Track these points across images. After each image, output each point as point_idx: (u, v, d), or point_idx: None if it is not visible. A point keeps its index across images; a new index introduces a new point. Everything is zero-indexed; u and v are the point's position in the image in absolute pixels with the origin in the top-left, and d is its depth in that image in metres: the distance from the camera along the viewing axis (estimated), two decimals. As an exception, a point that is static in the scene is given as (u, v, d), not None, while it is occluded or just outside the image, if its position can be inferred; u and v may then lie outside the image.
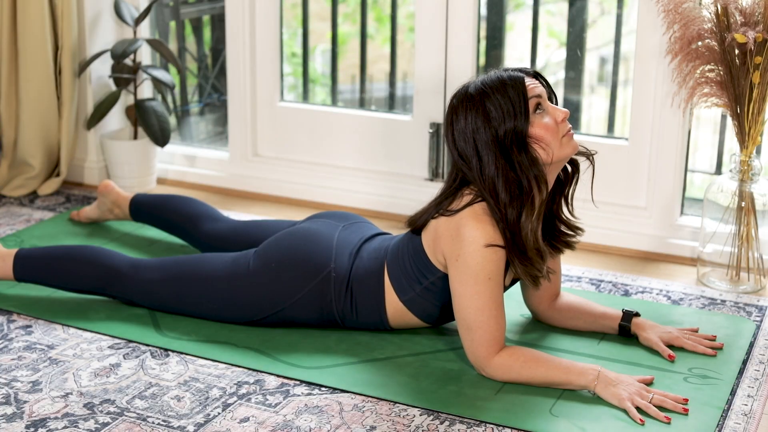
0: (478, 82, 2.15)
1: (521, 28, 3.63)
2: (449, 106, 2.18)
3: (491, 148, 2.11)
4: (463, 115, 2.13)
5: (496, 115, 2.11)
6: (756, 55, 2.49)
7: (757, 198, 2.62)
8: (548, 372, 2.10)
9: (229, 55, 3.38)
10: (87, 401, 2.09)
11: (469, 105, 2.13)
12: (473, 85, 2.15)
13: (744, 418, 2.04)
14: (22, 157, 3.37)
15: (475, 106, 2.12)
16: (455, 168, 2.19)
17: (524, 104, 2.10)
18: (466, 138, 2.13)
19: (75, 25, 3.28)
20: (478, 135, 2.11)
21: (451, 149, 2.18)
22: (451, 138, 2.16)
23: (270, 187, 3.40)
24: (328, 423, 2.01)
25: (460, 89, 2.18)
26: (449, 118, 2.17)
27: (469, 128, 2.12)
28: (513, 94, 2.11)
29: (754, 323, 2.46)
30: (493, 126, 2.11)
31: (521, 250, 2.13)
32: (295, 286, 2.32)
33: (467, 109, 2.13)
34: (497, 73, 2.15)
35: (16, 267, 2.51)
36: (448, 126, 2.17)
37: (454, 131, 2.15)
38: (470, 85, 2.16)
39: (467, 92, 2.15)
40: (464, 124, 2.13)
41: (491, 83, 2.13)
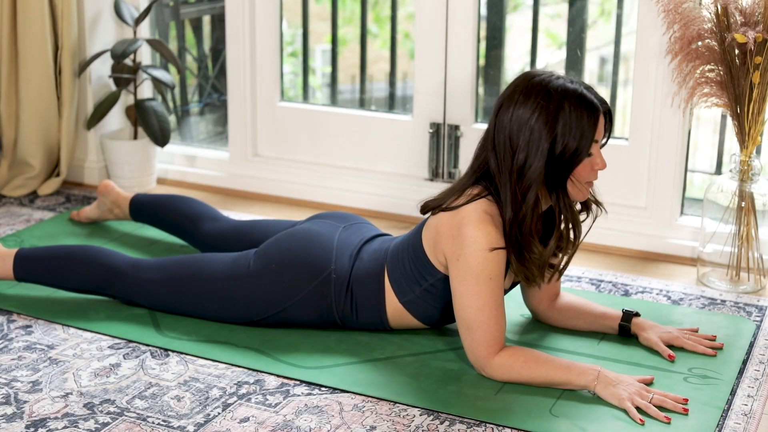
0: (561, 84, 2.09)
1: (521, 29, 3.63)
2: (519, 86, 2.11)
3: (543, 153, 2.07)
4: (531, 106, 2.08)
5: (563, 130, 2.07)
6: (756, 55, 2.49)
7: (757, 198, 2.62)
8: (548, 372, 2.10)
9: (229, 55, 3.38)
10: (87, 401, 2.09)
11: (543, 101, 2.07)
12: (555, 84, 2.09)
13: (744, 418, 2.04)
14: (22, 157, 3.37)
15: (549, 107, 2.07)
16: (484, 154, 2.16)
17: (590, 138, 2.09)
18: (521, 127, 2.08)
19: (75, 25, 3.28)
20: (536, 133, 2.07)
21: (496, 127, 2.12)
22: (505, 118, 2.10)
23: (270, 187, 3.40)
24: (328, 423, 2.01)
25: (538, 78, 2.11)
26: (514, 97, 2.10)
27: (531, 121, 2.07)
28: (587, 123, 2.08)
29: (754, 323, 2.46)
30: (557, 136, 2.07)
31: (521, 249, 2.13)
32: (296, 287, 2.32)
33: (539, 103, 2.07)
34: (581, 90, 2.09)
35: (16, 267, 2.51)
36: (508, 104, 2.11)
37: (513, 114, 2.10)
38: (551, 82, 2.09)
39: (547, 87, 2.08)
40: (528, 114, 2.08)
41: (573, 97, 2.07)
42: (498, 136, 2.12)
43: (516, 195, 2.11)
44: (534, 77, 2.12)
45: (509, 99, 2.12)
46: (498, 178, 2.13)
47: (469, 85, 3.10)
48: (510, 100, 2.11)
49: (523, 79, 2.13)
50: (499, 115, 2.13)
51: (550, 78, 2.11)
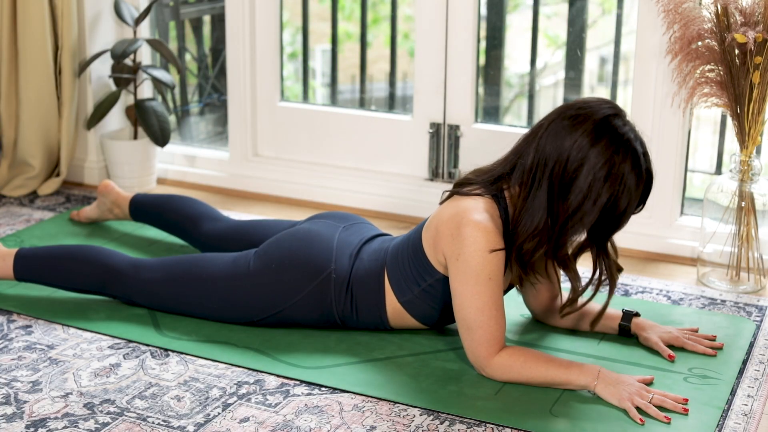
0: (632, 139, 2.06)
1: (521, 29, 3.64)
2: (592, 116, 2.06)
3: (599, 207, 2.06)
4: (601, 151, 2.04)
5: (621, 189, 2.06)
6: (756, 55, 2.49)
7: (757, 198, 2.62)
8: (548, 372, 2.10)
9: (229, 55, 3.38)
10: (87, 401, 2.09)
11: (615, 153, 2.04)
12: (628, 136, 2.06)
13: (744, 418, 2.04)
14: (22, 157, 3.37)
15: (618, 161, 2.04)
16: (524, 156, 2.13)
17: (635, 204, 2.10)
18: (584, 165, 2.04)
19: (75, 25, 3.28)
20: (598, 184, 2.04)
21: (547, 141, 2.08)
22: (567, 144, 2.05)
23: (270, 187, 3.40)
24: (328, 423, 2.01)
25: (615, 122, 2.07)
26: (584, 125, 2.05)
27: (597, 166, 2.04)
28: (639, 189, 2.08)
29: (754, 323, 2.46)
30: (616, 194, 2.06)
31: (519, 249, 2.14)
32: (296, 287, 2.32)
33: (611, 155, 2.04)
34: (642, 152, 2.08)
35: (16, 266, 2.51)
36: (574, 129, 2.06)
37: (577, 145, 2.05)
38: (626, 133, 2.06)
39: (621, 137, 2.05)
40: (596, 159, 2.04)
41: (638, 160, 2.06)
42: (549, 151, 2.09)
43: (553, 231, 2.10)
44: (612, 117, 2.07)
45: (576, 121, 2.07)
46: (526, 186, 2.11)
47: (469, 85, 3.10)
48: (577, 124, 2.07)
49: (598, 110, 2.08)
50: (558, 130, 2.08)
51: (625, 127, 2.08)
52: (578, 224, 2.09)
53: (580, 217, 2.08)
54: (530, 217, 2.10)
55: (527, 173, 2.11)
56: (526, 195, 2.11)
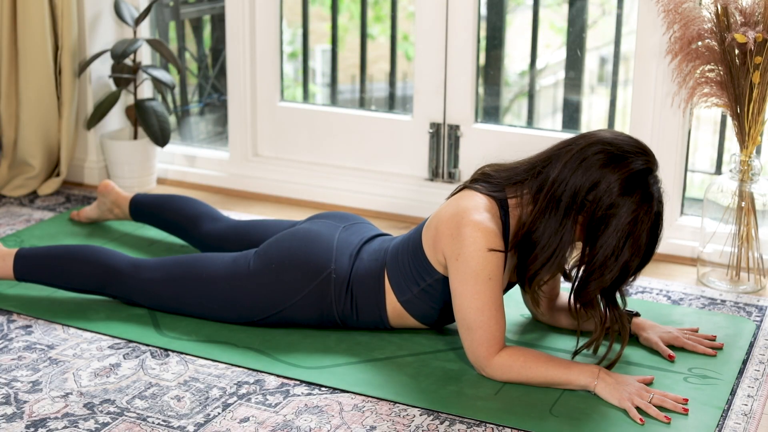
0: (659, 198, 2.08)
1: (521, 28, 3.64)
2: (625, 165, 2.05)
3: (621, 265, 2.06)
4: (630, 206, 2.04)
5: (640, 246, 2.07)
6: (756, 55, 2.49)
7: (757, 198, 2.62)
8: (548, 372, 2.10)
9: (229, 55, 3.38)
10: (87, 401, 2.09)
11: (643, 211, 2.05)
12: (657, 195, 2.07)
13: (744, 418, 2.04)
14: (22, 157, 3.37)
15: (645, 220, 2.05)
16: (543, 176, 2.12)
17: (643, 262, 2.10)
18: (612, 217, 2.04)
19: (75, 25, 3.28)
20: (623, 241, 2.04)
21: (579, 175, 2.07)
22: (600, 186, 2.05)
23: (270, 187, 3.40)
24: (328, 423, 2.01)
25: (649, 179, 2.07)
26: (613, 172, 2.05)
27: (624, 222, 2.04)
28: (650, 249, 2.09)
29: (754, 323, 2.46)
30: (636, 252, 2.07)
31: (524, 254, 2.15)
32: (296, 287, 2.32)
33: (638, 212, 2.04)
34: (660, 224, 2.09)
35: (16, 266, 2.51)
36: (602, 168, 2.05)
37: (608, 190, 2.04)
38: (655, 192, 2.07)
39: (651, 195, 2.06)
40: (625, 215, 2.04)
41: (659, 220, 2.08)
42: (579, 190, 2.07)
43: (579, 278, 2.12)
44: (645, 173, 2.07)
45: (614, 165, 2.05)
46: (542, 208, 2.11)
47: (469, 85, 3.10)
48: (612, 167, 2.05)
49: (635, 162, 2.07)
50: (591, 165, 2.07)
51: (655, 185, 2.08)
52: (600, 279, 2.09)
53: (602, 273, 2.08)
54: (549, 245, 2.10)
55: (546, 191, 2.10)
56: (543, 210, 2.10)
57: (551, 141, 3.04)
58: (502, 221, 2.15)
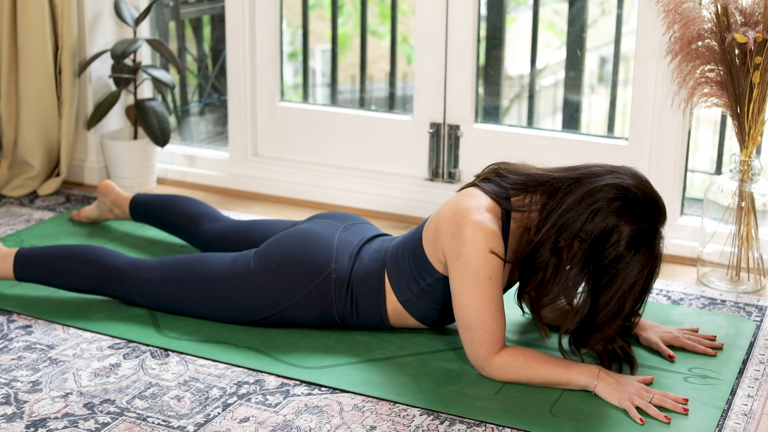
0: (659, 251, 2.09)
1: (521, 29, 3.64)
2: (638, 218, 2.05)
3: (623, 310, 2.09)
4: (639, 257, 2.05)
5: (644, 292, 2.10)
6: (756, 55, 2.49)
7: (757, 198, 2.62)
8: (548, 372, 2.10)
9: (229, 55, 3.38)
10: (87, 401, 2.09)
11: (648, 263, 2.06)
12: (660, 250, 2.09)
13: (744, 418, 2.04)
14: (22, 157, 3.37)
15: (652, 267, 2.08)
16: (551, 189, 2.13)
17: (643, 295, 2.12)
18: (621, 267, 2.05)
19: (75, 25, 3.28)
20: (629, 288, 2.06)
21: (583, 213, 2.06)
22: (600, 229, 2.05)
23: (270, 187, 3.40)
24: (328, 423, 2.01)
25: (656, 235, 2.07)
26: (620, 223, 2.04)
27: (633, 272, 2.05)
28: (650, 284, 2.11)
29: (754, 323, 2.46)
30: (639, 297, 2.10)
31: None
32: (296, 287, 2.32)
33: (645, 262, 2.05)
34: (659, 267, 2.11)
35: (16, 266, 2.51)
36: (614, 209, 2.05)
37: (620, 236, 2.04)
38: (661, 246, 2.09)
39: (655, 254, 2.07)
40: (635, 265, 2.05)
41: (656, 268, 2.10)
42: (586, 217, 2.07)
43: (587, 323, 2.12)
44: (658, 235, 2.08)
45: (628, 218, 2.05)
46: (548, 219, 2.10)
47: (469, 85, 3.10)
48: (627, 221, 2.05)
49: (653, 219, 2.07)
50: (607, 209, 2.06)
51: (660, 244, 2.09)
52: (606, 329, 2.11)
53: (609, 323, 2.10)
54: (553, 280, 2.11)
55: (558, 215, 2.09)
56: (543, 239, 2.11)
57: (551, 141, 3.05)
58: (503, 222, 2.15)
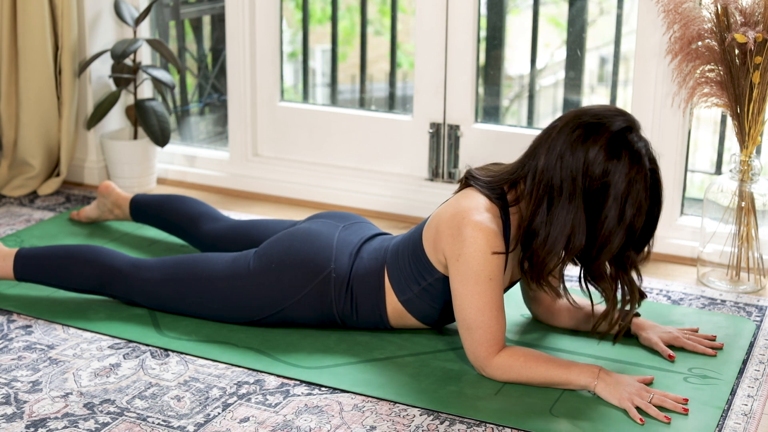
0: (646, 153, 2.06)
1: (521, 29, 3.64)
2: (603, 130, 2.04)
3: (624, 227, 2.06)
4: (624, 170, 2.03)
5: (641, 208, 2.06)
6: (756, 55, 2.49)
7: (757, 198, 2.62)
8: (548, 372, 2.10)
9: (229, 55, 3.38)
10: (87, 401, 2.09)
11: (632, 163, 2.04)
12: (643, 149, 2.06)
13: (744, 418, 2.04)
14: (22, 157, 3.37)
15: (643, 181, 2.04)
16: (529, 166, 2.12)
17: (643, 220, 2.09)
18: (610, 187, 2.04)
19: (75, 25, 3.28)
20: (624, 205, 2.04)
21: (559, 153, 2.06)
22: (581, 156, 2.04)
23: (270, 187, 3.41)
24: (328, 423, 2.01)
25: (630, 136, 2.05)
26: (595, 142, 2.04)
27: (621, 188, 2.03)
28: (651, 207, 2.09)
29: (754, 323, 2.46)
30: (638, 213, 2.06)
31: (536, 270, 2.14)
32: (296, 287, 2.32)
33: (635, 176, 2.04)
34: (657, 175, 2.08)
35: (16, 266, 2.51)
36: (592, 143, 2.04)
37: (597, 159, 2.03)
38: (642, 149, 2.06)
39: (639, 155, 2.04)
40: (622, 180, 2.03)
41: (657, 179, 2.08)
42: (562, 165, 2.07)
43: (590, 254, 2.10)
44: (627, 131, 2.06)
45: (593, 133, 2.05)
46: (534, 196, 2.10)
47: (469, 85, 3.10)
48: (594, 136, 2.05)
49: (610, 122, 2.06)
50: (572, 141, 2.06)
51: (640, 143, 2.07)
52: (609, 246, 2.08)
53: (610, 240, 2.08)
54: (560, 233, 2.08)
55: (539, 177, 2.10)
56: (539, 200, 2.10)
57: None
58: (502, 220, 2.15)
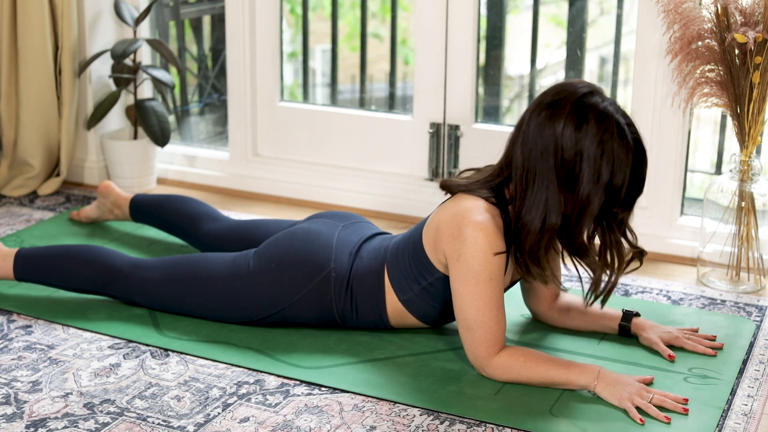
0: (614, 112, 2.06)
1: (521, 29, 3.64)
2: (569, 102, 2.05)
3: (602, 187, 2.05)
4: (591, 133, 2.03)
5: (617, 165, 2.05)
6: (756, 55, 2.49)
7: (757, 198, 2.62)
8: (548, 372, 2.10)
9: (229, 55, 3.38)
10: (87, 401, 2.09)
11: (606, 133, 2.04)
12: (609, 110, 2.05)
13: (744, 418, 2.04)
14: (22, 157, 3.37)
15: (610, 138, 2.04)
16: (512, 157, 2.13)
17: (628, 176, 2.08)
18: (579, 153, 2.03)
19: (75, 25, 3.28)
20: (596, 165, 2.03)
21: (532, 138, 2.07)
22: (548, 132, 2.05)
23: (270, 187, 3.41)
24: (328, 423, 2.01)
25: (592, 100, 2.06)
26: (564, 113, 2.04)
27: (589, 150, 2.03)
28: (633, 160, 2.07)
29: (754, 323, 2.46)
30: (614, 170, 2.05)
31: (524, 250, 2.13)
32: (295, 286, 2.32)
33: (601, 135, 2.03)
34: (628, 127, 2.07)
35: (16, 266, 2.51)
36: (556, 119, 2.05)
37: (564, 133, 2.04)
38: (606, 108, 2.05)
39: (605, 113, 2.04)
40: (588, 142, 2.03)
41: (625, 132, 2.06)
42: (538, 144, 2.07)
43: (570, 224, 2.09)
44: (588, 96, 2.07)
45: (558, 109, 2.06)
46: (522, 180, 2.10)
47: (469, 85, 3.10)
48: (559, 111, 2.06)
49: (573, 92, 2.07)
50: (541, 121, 2.07)
51: (603, 103, 2.07)
52: (589, 209, 2.07)
53: (589, 203, 2.07)
54: (537, 213, 2.08)
55: (520, 170, 2.10)
56: (524, 192, 2.10)
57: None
58: (502, 219, 2.15)
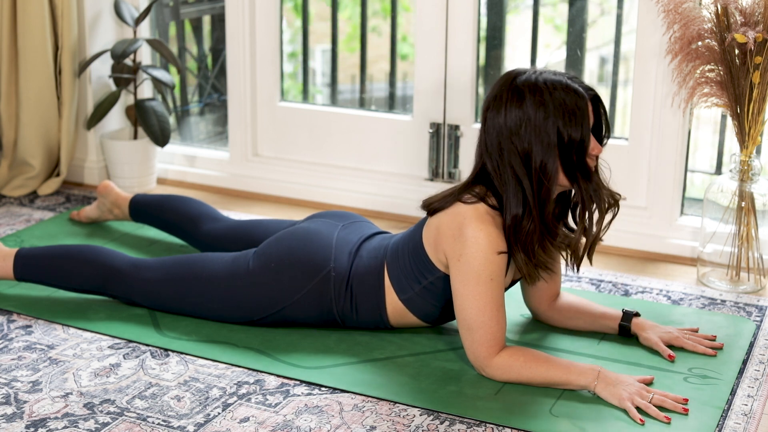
0: (547, 78, 2.09)
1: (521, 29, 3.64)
2: (505, 87, 2.10)
3: (553, 147, 2.07)
4: (527, 104, 2.07)
5: (564, 121, 2.07)
6: (756, 55, 2.49)
7: (757, 198, 2.62)
8: (548, 372, 2.10)
9: (229, 55, 3.38)
10: (87, 401, 2.09)
11: (538, 97, 2.07)
12: (541, 79, 2.09)
13: (744, 418, 2.04)
14: (22, 157, 3.37)
15: (544, 101, 2.07)
16: (480, 158, 2.16)
17: (587, 124, 2.08)
18: (521, 126, 2.07)
19: (75, 25, 3.28)
20: (541, 129, 2.06)
21: (488, 132, 2.12)
22: (499, 121, 2.09)
23: (270, 187, 3.41)
24: (328, 423, 2.01)
25: (523, 77, 2.10)
26: (503, 98, 2.09)
27: (531, 118, 2.06)
28: (581, 110, 2.08)
29: (754, 323, 2.46)
30: (560, 128, 2.07)
31: (524, 248, 2.13)
32: (295, 286, 2.32)
33: (534, 100, 2.06)
34: (566, 80, 2.09)
35: (16, 266, 2.51)
36: (498, 106, 2.10)
37: (507, 115, 2.08)
38: (537, 78, 2.09)
39: (535, 84, 2.08)
40: (526, 113, 2.07)
41: (563, 88, 2.07)
42: (493, 140, 2.12)
43: (534, 195, 2.10)
44: (518, 76, 2.12)
45: (498, 101, 2.11)
46: (498, 180, 2.13)
47: (469, 85, 3.10)
48: (499, 102, 2.11)
49: (507, 80, 2.12)
50: (489, 119, 2.12)
51: (534, 74, 2.11)
52: (549, 174, 2.08)
53: (546, 168, 2.08)
54: (516, 202, 2.10)
55: (493, 173, 2.13)
56: (503, 189, 2.12)
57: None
58: (503, 219, 2.15)
